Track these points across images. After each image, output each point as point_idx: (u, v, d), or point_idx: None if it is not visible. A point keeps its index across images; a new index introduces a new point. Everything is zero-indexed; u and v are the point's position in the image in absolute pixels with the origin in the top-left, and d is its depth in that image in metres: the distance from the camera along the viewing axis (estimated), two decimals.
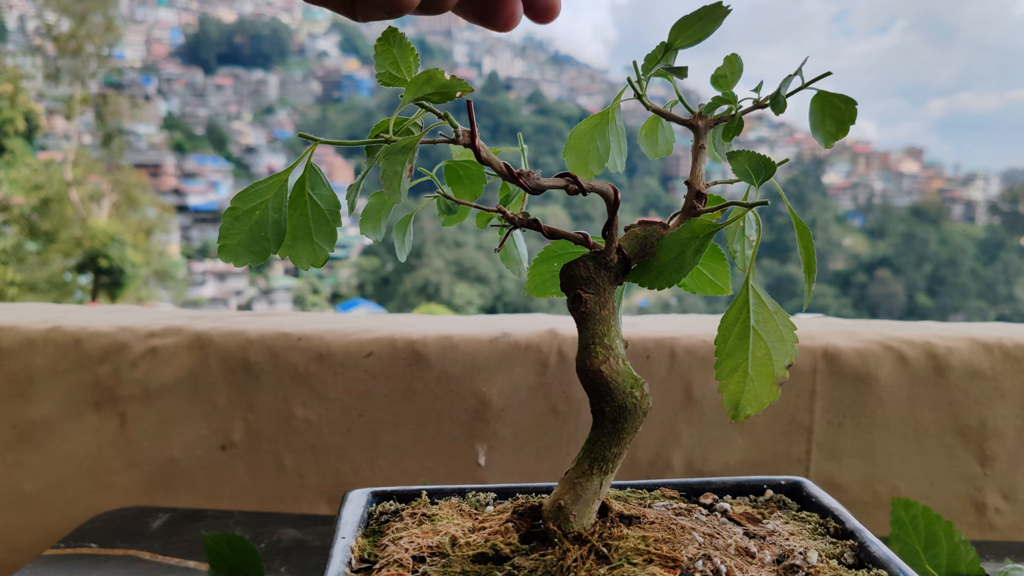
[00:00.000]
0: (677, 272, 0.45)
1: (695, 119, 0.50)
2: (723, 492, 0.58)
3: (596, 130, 0.52)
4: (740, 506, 0.56)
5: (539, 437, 0.99)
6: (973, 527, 0.97)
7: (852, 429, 0.97)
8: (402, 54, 0.44)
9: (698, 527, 0.49)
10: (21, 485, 1.01)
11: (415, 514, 0.53)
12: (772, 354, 0.42)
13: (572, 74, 56.19)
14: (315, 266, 0.44)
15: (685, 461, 0.99)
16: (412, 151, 0.41)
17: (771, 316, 0.43)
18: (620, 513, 0.49)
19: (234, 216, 0.42)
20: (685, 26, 0.48)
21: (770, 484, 0.59)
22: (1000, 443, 0.96)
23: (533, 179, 0.46)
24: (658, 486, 0.58)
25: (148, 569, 0.83)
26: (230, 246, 0.42)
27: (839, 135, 0.46)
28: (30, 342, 1.01)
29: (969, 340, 0.97)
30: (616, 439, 0.46)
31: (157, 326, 1.02)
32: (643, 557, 0.44)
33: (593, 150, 0.52)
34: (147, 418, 1.01)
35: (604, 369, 0.45)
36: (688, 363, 0.98)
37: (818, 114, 0.47)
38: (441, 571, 0.44)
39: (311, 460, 1.01)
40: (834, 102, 0.46)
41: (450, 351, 0.99)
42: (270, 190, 0.43)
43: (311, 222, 0.43)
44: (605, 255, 0.47)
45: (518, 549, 0.46)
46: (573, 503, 0.46)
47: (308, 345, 1.00)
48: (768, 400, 0.42)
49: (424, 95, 0.42)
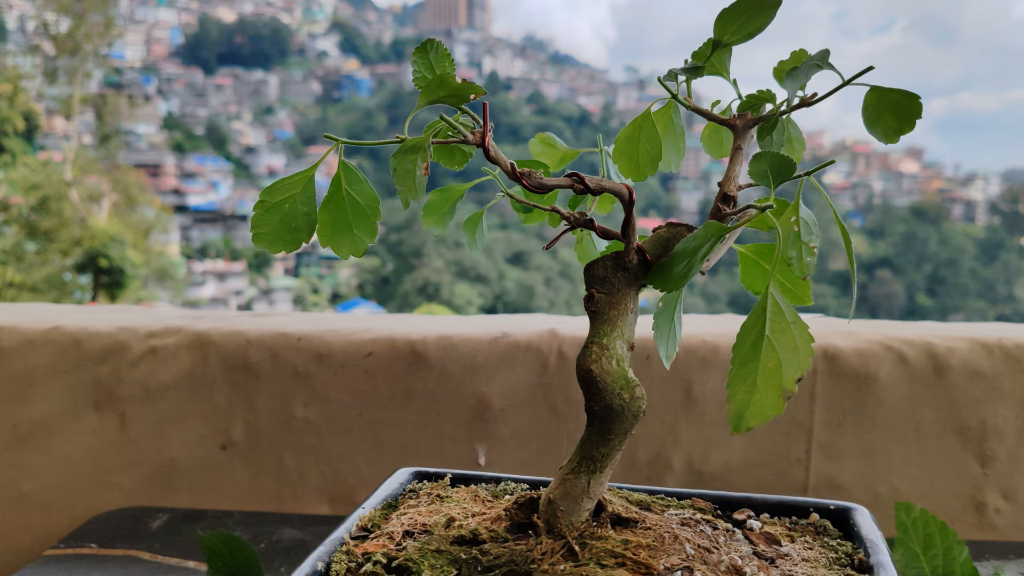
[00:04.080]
0: (684, 276, 0.44)
1: (734, 119, 0.49)
2: (763, 510, 0.56)
3: (642, 132, 0.51)
4: (773, 526, 0.54)
5: (539, 437, 0.99)
6: (973, 527, 0.97)
7: (852, 429, 0.97)
8: (438, 60, 0.46)
9: (696, 538, 0.48)
10: (21, 485, 1.01)
11: (431, 494, 0.56)
12: (783, 366, 0.41)
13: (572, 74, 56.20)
14: (356, 255, 0.47)
15: (685, 461, 0.99)
16: (424, 150, 0.44)
17: (788, 326, 0.42)
18: (616, 515, 0.48)
19: (264, 208, 0.46)
20: (731, 19, 0.45)
21: (817, 507, 0.56)
22: (1000, 443, 0.96)
23: (535, 178, 0.46)
24: (692, 495, 0.57)
25: (148, 569, 0.83)
26: (264, 234, 0.45)
27: (903, 130, 0.44)
28: (30, 342, 1.01)
29: (969, 340, 0.97)
30: (604, 439, 0.46)
31: (157, 326, 1.02)
32: (616, 560, 0.44)
33: (643, 152, 0.52)
34: (147, 418, 1.01)
35: (594, 368, 0.45)
36: (688, 363, 0.98)
37: (875, 110, 0.44)
38: (419, 547, 0.47)
39: (311, 460, 1.01)
40: (893, 97, 0.44)
41: (450, 351, 0.99)
42: (297, 185, 0.46)
43: (350, 216, 0.46)
44: (624, 256, 0.47)
45: (498, 536, 0.47)
46: (562, 499, 0.47)
47: (308, 345, 1.00)
48: (773, 413, 0.41)
49: (438, 98, 0.45)
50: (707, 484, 0.99)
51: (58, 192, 14.56)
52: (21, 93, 15.77)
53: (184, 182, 34.52)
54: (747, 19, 0.45)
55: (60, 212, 14.28)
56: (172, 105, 41.59)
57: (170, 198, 32.02)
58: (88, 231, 14.17)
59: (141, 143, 34.73)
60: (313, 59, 51.64)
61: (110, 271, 13.86)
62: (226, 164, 36.72)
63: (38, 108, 18.22)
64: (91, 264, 13.81)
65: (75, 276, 14.16)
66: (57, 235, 13.87)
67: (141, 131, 35.18)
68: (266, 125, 42.30)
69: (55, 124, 20.79)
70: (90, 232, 14.09)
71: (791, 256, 0.42)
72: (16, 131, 15.35)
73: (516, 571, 0.43)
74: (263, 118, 43.16)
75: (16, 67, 16.32)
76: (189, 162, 35.48)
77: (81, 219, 15.13)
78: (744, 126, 0.48)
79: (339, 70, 50.00)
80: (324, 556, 0.48)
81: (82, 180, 16.89)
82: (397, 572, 0.45)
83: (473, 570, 0.44)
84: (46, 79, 17.28)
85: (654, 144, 0.52)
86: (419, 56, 0.46)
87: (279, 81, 47.69)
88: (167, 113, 40.30)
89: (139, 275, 15.49)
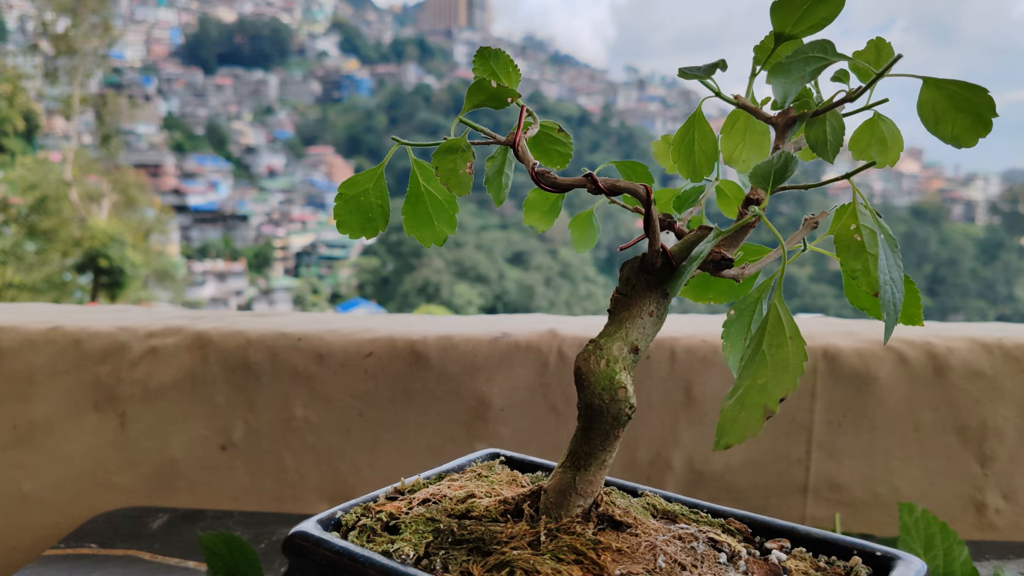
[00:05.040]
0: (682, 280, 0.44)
1: (776, 116, 0.47)
2: (802, 543, 0.50)
3: (695, 132, 0.51)
4: (800, 562, 0.48)
5: (539, 437, 0.99)
6: (973, 527, 0.97)
7: (852, 429, 0.97)
8: (500, 67, 0.49)
9: (677, 554, 0.45)
10: (21, 485, 1.01)
11: (476, 472, 0.58)
12: (769, 385, 0.39)
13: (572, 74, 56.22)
14: (437, 244, 0.52)
15: (685, 461, 0.99)
16: (465, 150, 0.47)
17: (786, 341, 0.39)
18: (608, 515, 0.47)
19: (344, 200, 0.51)
20: (791, 10, 0.42)
21: (862, 551, 0.48)
22: (1000, 443, 0.96)
23: (550, 178, 0.47)
24: (729, 515, 0.53)
25: (148, 569, 0.83)
26: (347, 222, 0.51)
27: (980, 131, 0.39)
28: (30, 342, 1.01)
29: (969, 340, 0.97)
30: (586, 437, 0.46)
31: (157, 326, 1.02)
32: (575, 557, 0.43)
33: (699, 152, 0.52)
34: (147, 418, 1.01)
35: (583, 367, 0.45)
36: (688, 363, 0.98)
37: (933, 108, 0.40)
38: (422, 512, 0.49)
39: (311, 460, 1.01)
40: (955, 91, 0.39)
41: (450, 351, 0.99)
42: (369, 180, 0.51)
43: (430, 209, 0.52)
44: (648, 258, 0.46)
45: (488, 516, 0.48)
46: (552, 492, 0.47)
47: (308, 345, 1.00)
48: (750, 433, 0.38)
49: (480, 102, 0.47)
50: (707, 484, 0.99)
51: (58, 192, 14.55)
52: (21, 93, 15.76)
53: (184, 182, 34.52)
54: (809, 8, 0.42)
55: (59, 212, 14.27)
56: (172, 105, 41.60)
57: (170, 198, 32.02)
58: (88, 231, 14.16)
59: (141, 143, 34.73)
60: (313, 59, 51.66)
61: (110, 271, 13.86)
62: (226, 164, 36.72)
63: (38, 108, 18.22)
64: (91, 264, 13.80)
65: (75, 276, 14.15)
66: (57, 235, 13.86)
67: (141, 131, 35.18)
68: (266, 125, 42.31)
69: (55, 124, 20.80)
70: (90, 232, 14.09)
71: (856, 269, 0.38)
72: (16, 131, 15.35)
73: (480, 549, 0.45)
74: (263, 118, 43.17)
75: (16, 67, 16.32)
76: (189, 162, 35.49)
77: (81, 219, 15.13)
78: (785, 124, 0.47)
79: (339, 70, 50.02)
80: (348, 508, 0.51)
81: (82, 180, 16.89)
82: (389, 530, 0.48)
83: (445, 540, 0.46)
84: (46, 79, 17.28)
85: (709, 143, 0.51)
86: (480, 63, 0.49)
87: (279, 81, 47.70)
88: (167, 113, 40.31)
89: (139, 275, 15.49)
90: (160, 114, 39.38)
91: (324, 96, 47.97)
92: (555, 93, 51.45)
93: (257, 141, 40.35)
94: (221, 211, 33.75)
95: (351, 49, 53.55)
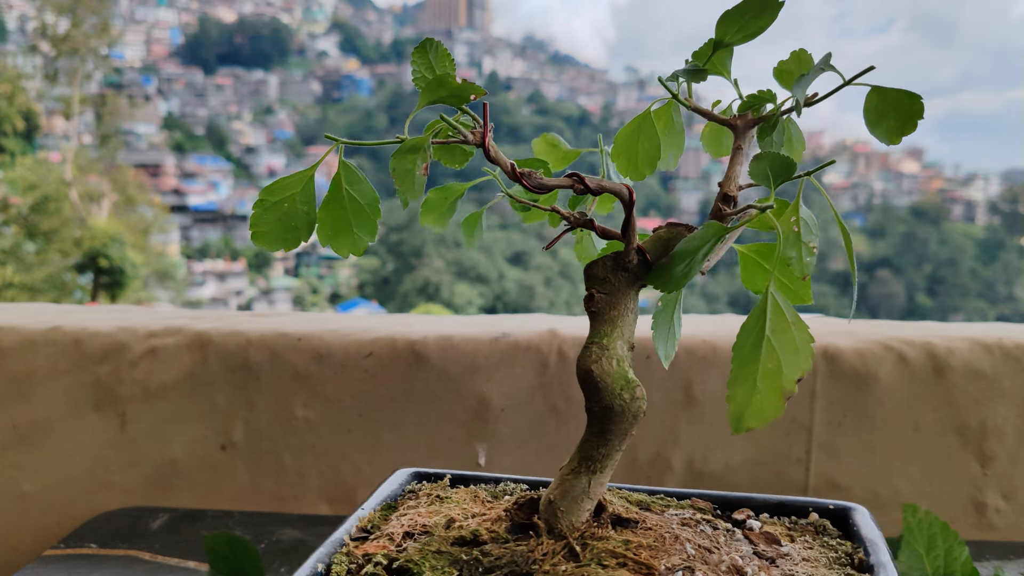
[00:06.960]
0: (685, 276, 0.44)
1: (734, 119, 0.48)
2: (762, 510, 0.56)
3: (641, 132, 0.52)
4: (773, 526, 0.54)
5: (539, 437, 0.99)
6: (973, 527, 0.97)
7: (852, 429, 0.97)
8: (438, 59, 0.47)
9: (696, 539, 0.48)
10: (21, 485, 1.01)
11: (430, 495, 0.56)
12: (783, 366, 0.41)
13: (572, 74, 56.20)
14: (356, 254, 0.47)
15: (685, 461, 0.99)
16: (424, 151, 0.44)
17: (789, 326, 0.41)
18: (616, 515, 0.48)
19: (263, 207, 0.46)
20: (734, 20, 0.45)
21: (816, 507, 0.56)
22: (1000, 443, 0.96)
23: (535, 179, 0.46)
24: (691, 495, 0.57)
25: (148, 569, 0.83)
26: (262, 233, 0.46)
27: (905, 131, 0.44)
28: (30, 342, 1.01)
29: (969, 340, 0.97)
30: (603, 439, 0.46)
31: (157, 326, 1.02)
32: (617, 560, 0.43)
33: (641, 152, 0.52)
34: (147, 418, 1.01)
35: (594, 369, 0.45)
36: (688, 363, 0.98)
37: (876, 111, 0.44)
38: (420, 548, 0.47)
39: (311, 460, 1.01)
40: (895, 97, 0.43)
41: (450, 351, 0.99)
42: (296, 184, 0.46)
43: (350, 215, 0.47)
44: (624, 256, 0.47)
45: (499, 537, 0.47)
46: (561, 499, 0.46)
47: (308, 345, 1.00)
48: (773, 414, 0.40)
49: (439, 98, 0.45)
50: (707, 484, 0.99)
51: (58, 192, 14.54)
52: (21, 93, 15.76)
53: (184, 182, 34.52)
54: (749, 20, 0.45)
55: (59, 212, 14.27)
56: (172, 105, 41.60)
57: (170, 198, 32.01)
58: (88, 231, 14.16)
59: (141, 143, 34.74)
60: (313, 59, 51.65)
61: (110, 271, 13.85)
62: (226, 164, 36.73)
63: (38, 108, 18.21)
64: (91, 264, 13.80)
65: (75, 276, 14.15)
66: (57, 235, 13.85)
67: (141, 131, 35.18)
68: (266, 125, 42.30)
69: (55, 124, 20.78)
70: (90, 232, 14.08)
71: (791, 256, 0.42)
72: (16, 131, 15.34)
73: (517, 572, 0.43)
74: (263, 118, 43.16)
75: (16, 67, 16.32)
76: (189, 162, 35.49)
77: (81, 219, 15.13)
78: (744, 126, 0.48)
79: (339, 70, 50.01)
80: (324, 557, 0.47)
81: (82, 180, 16.89)
82: (398, 573, 0.45)
83: (474, 571, 0.44)
84: (46, 79, 17.28)
85: (652, 144, 0.52)
86: (418, 56, 0.47)
87: (279, 81, 47.69)
88: (167, 113, 40.31)
89: (139, 275, 15.48)
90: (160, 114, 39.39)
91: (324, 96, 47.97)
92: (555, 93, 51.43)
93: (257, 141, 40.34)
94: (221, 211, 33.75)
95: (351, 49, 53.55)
